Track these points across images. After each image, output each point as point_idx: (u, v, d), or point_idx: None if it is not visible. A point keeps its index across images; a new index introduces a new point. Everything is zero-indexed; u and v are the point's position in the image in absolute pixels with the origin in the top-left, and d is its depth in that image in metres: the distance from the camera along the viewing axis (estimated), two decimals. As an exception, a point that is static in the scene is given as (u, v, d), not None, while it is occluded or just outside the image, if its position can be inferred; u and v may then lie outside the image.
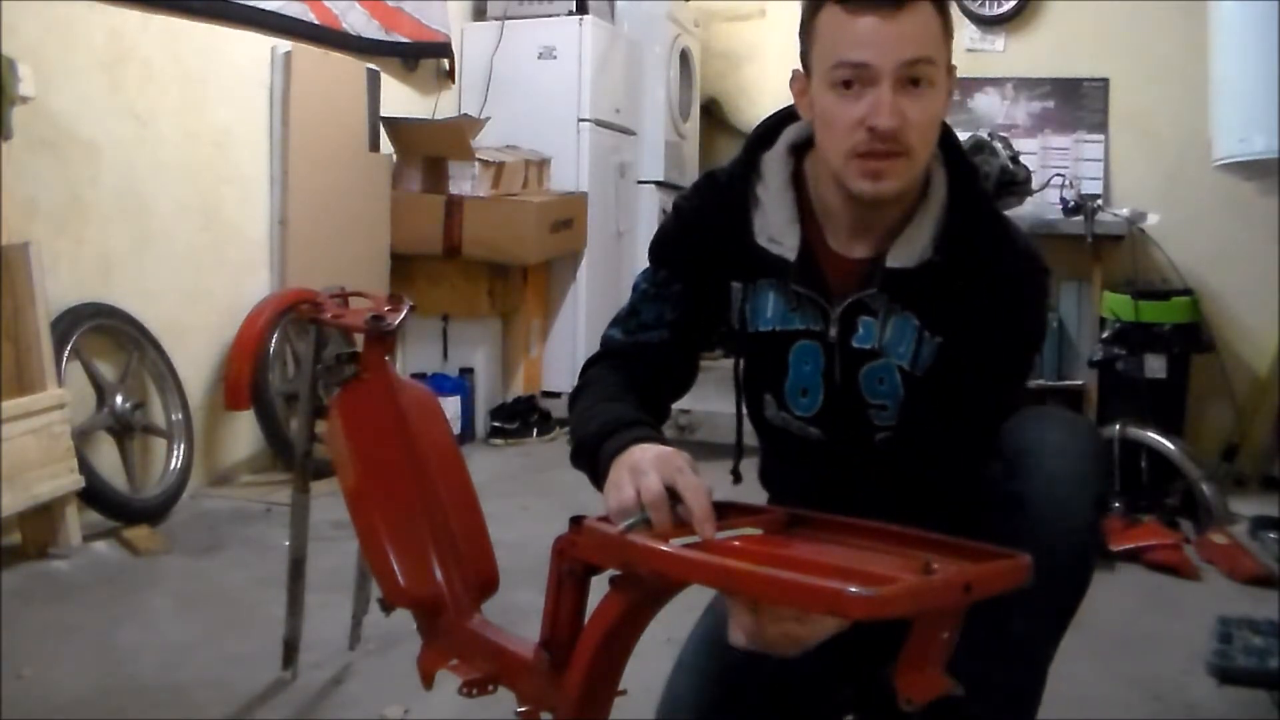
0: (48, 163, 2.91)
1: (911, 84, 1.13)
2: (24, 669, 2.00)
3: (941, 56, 1.16)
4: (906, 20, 1.13)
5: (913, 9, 1.13)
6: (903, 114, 1.13)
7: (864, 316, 1.24)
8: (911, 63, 1.13)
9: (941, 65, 1.16)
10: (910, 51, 1.13)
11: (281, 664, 1.98)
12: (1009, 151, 3.74)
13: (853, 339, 1.24)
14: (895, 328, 1.24)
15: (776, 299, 1.27)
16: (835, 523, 1.00)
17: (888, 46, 1.12)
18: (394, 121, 4.21)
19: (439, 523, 1.37)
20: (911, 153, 1.15)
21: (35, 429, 2.60)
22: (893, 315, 1.23)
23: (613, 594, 0.98)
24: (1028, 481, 1.14)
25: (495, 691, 1.22)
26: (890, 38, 1.12)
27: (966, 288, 1.21)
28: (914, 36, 1.13)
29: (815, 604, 0.76)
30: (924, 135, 1.17)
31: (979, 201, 1.26)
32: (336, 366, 1.63)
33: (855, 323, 1.24)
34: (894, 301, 1.23)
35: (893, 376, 1.25)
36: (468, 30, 4.74)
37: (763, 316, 1.29)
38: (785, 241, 1.24)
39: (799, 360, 1.28)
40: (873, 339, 1.24)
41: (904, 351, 1.23)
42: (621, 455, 1.07)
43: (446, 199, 4.11)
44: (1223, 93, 3.56)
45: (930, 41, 1.15)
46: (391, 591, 1.37)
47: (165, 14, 3.24)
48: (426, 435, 1.48)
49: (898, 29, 1.12)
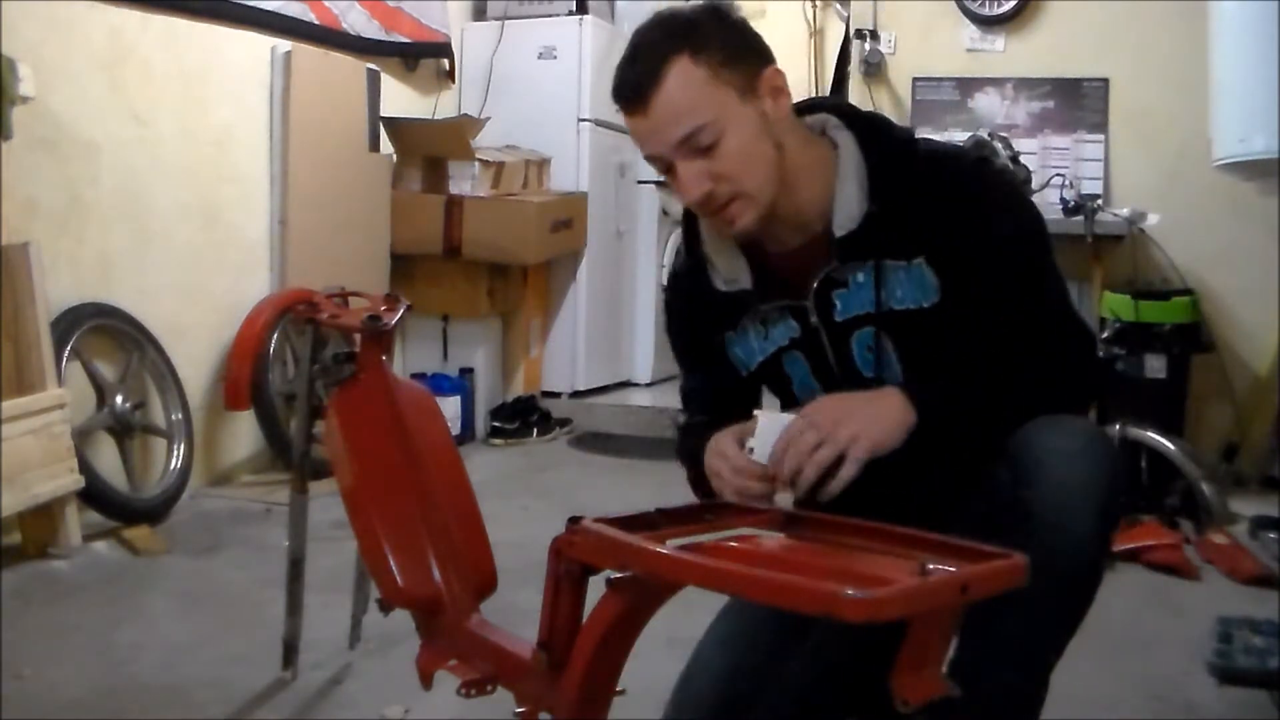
0: (48, 163, 2.91)
1: (700, 149, 1.19)
2: (24, 669, 2.01)
3: (716, 108, 1.19)
4: (661, 106, 1.18)
5: (662, 91, 1.18)
6: (704, 178, 1.20)
7: (836, 290, 1.28)
8: (684, 139, 1.19)
9: (724, 112, 1.19)
10: (676, 132, 1.19)
11: (281, 664, 1.98)
12: (1009, 151, 3.74)
13: (834, 315, 1.29)
14: (884, 279, 1.26)
15: (755, 330, 1.35)
16: (832, 523, 1.00)
17: (658, 136, 1.21)
18: (394, 121, 4.21)
19: (437, 522, 1.37)
20: (741, 192, 1.22)
21: (35, 429, 2.60)
22: (872, 271, 1.26)
23: (610, 595, 0.98)
24: (1034, 489, 1.13)
25: (494, 692, 1.22)
26: (657, 128, 1.20)
27: (926, 212, 1.24)
28: (673, 117, 1.19)
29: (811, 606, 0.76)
30: (741, 174, 1.21)
31: (894, 140, 1.29)
32: (334, 366, 1.63)
33: (831, 299, 1.29)
34: (865, 259, 1.26)
35: (883, 342, 1.28)
36: (468, 30, 4.74)
37: (751, 353, 1.37)
38: (739, 276, 1.33)
39: (794, 368, 1.35)
40: (859, 304, 1.27)
41: (903, 295, 1.26)
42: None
43: (446, 199, 4.11)
44: (1223, 93, 3.56)
45: (695, 108, 1.18)
46: (390, 591, 1.37)
47: (165, 14, 3.25)
48: (424, 435, 1.48)
49: (656, 119, 1.19)
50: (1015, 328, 1.26)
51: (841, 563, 0.89)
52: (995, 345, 1.25)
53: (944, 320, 1.25)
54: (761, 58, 1.26)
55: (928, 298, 1.26)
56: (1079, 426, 1.20)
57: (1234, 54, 3.47)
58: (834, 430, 1.14)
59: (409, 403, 1.54)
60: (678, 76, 1.18)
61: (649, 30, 1.23)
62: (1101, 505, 1.14)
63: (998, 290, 1.25)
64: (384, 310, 1.74)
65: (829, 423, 1.15)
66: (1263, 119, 3.28)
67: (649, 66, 1.19)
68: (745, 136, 1.20)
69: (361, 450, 1.49)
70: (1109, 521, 1.17)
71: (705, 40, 1.20)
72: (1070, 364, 1.30)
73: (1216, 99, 3.59)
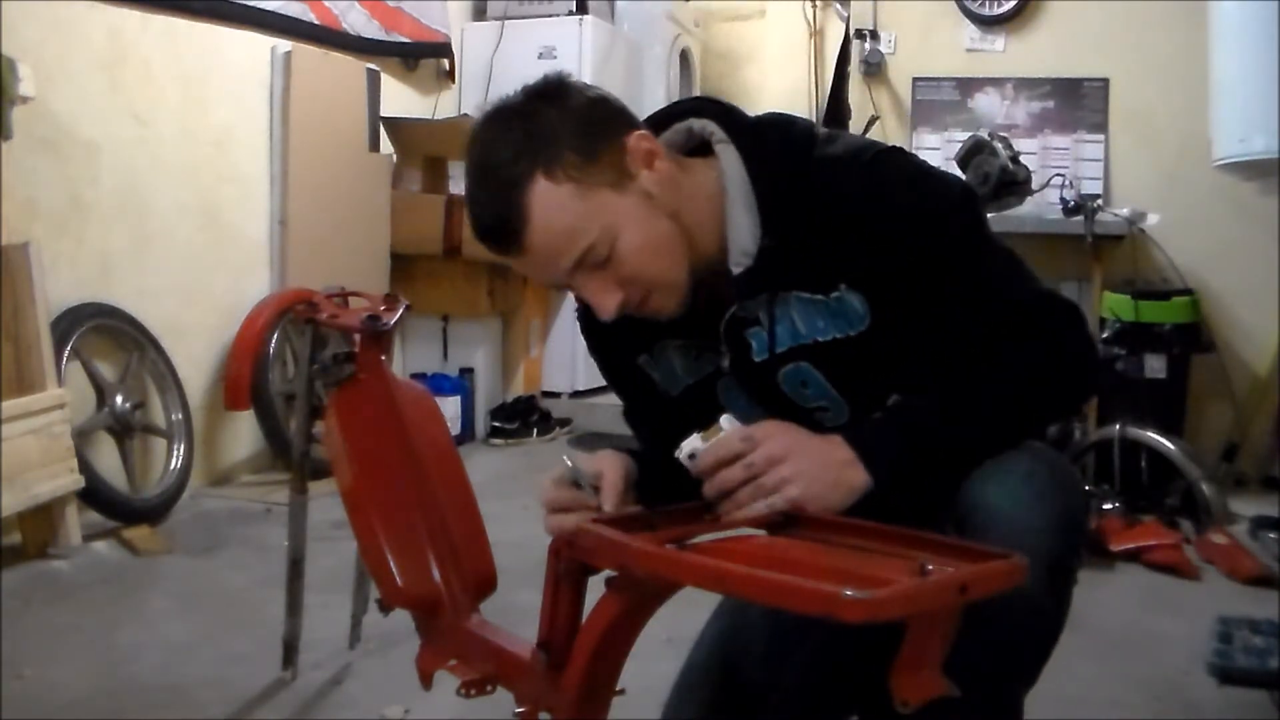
0: (48, 163, 2.92)
1: (596, 264, 1.09)
2: (24, 669, 2.01)
3: (596, 219, 1.07)
4: (538, 242, 1.07)
5: (531, 226, 1.06)
6: (611, 289, 1.10)
7: (750, 329, 1.17)
8: (574, 265, 1.08)
9: (606, 218, 1.07)
10: (564, 262, 1.08)
11: (281, 664, 1.98)
12: (1009, 151, 3.74)
13: (751, 355, 1.18)
14: (798, 314, 1.14)
15: (677, 355, 1.24)
16: (830, 522, 1.00)
17: (547, 270, 1.10)
18: (394, 121, 4.21)
19: (436, 522, 1.37)
20: (655, 284, 1.11)
21: (35, 429, 2.60)
22: (783, 305, 1.14)
23: (609, 595, 0.98)
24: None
25: (494, 692, 1.22)
26: (542, 263, 1.09)
27: (829, 236, 1.11)
28: (555, 249, 1.07)
29: (810, 607, 0.75)
30: (648, 269, 1.10)
31: (783, 153, 1.14)
32: (333, 367, 1.63)
33: (746, 339, 1.17)
34: (774, 293, 1.14)
35: (812, 375, 1.16)
36: (468, 30, 4.74)
37: (674, 379, 1.26)
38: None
39: (729, 396, 1.23)
40: (775, 342, 1.16)
41: (825, 325, 1.14)
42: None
43: (446, 199, 4.11)
44: (1223, 93, 3.57)
45: (575, 230, 1.07)
46: (389, 592, 1.37)
47: (165, 14, 3.25)
48: (423, 434, 1.47)
49: (538, 256, 1.08)
50: (965, 326, 1.11)
51: (839, 562, 0.89)
52: (953, 356, 1.11)
53: (879, 344, 1.13)
54: (619, 128, 1.10)
55: (854, 326, 1.13)
56: (1032, 472, 1.07)
57: (1234, 54, 3.48)
58: (766, 466, 1.03)
59: (408, 403, 1.53)
60: (542, 203, 1.05)
61: (487, 148, 1.09)
62: (1049, 564, 1.00)
63: (931, 293, 1.11)
64: (383, 310, 1.74)
65: (764, 458, 1.03)
66: (1263, 119, 3.28)
67: (506, 203, 1.06)
68: (638, 230, 1.08)
69: (361, 450, 1.48)
70: (1063, 577, 1.05)
71: (553, 145, 1.06)
72: (1047, 343, 1.12)
73: (1216, 99, 3.60)
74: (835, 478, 1.04)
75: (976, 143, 3.78)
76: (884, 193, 1.11)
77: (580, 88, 1.12)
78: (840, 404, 1.18)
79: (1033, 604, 0.98)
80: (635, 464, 1.17)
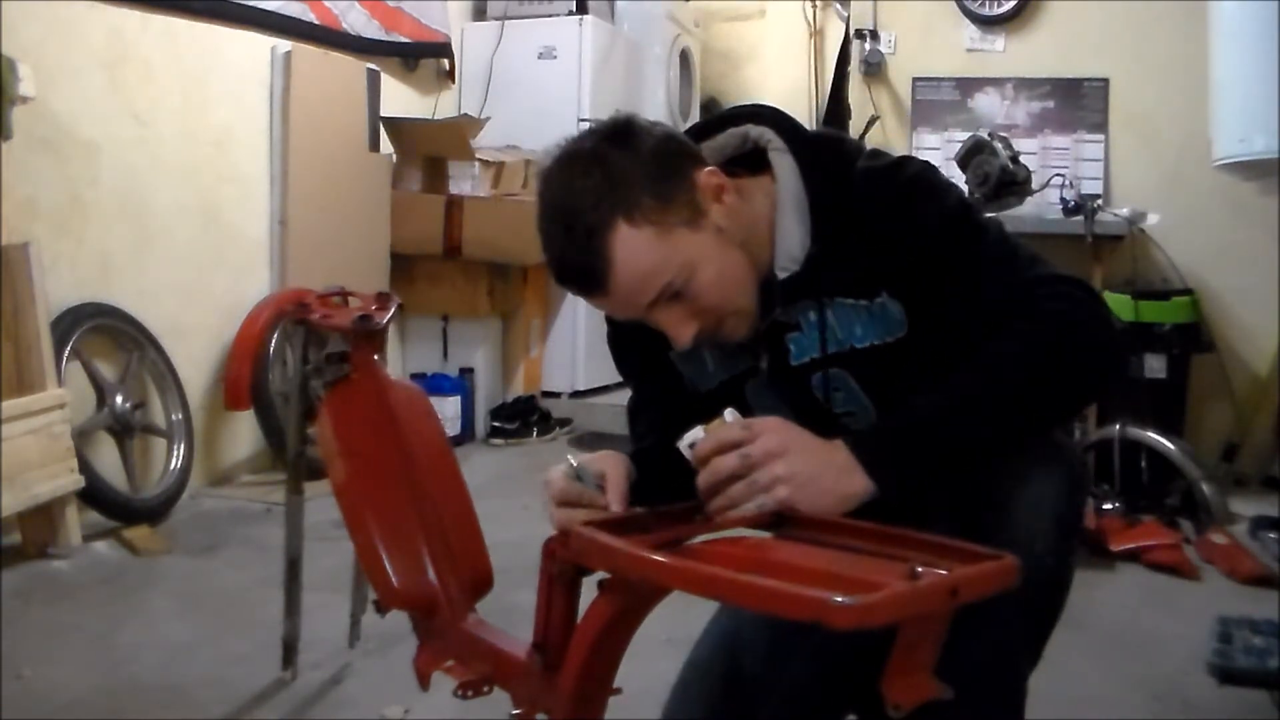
0: (48, 163, 2.92)
1: (673, 297, 1.12)
2: (24, 669, 2.01)
3: (675, 256, 1.10)
4: (621, 284, 1.11)
5: (615, 271, 1.09)
6: (688, 321, 1.14)
7: (790, 334, 1.20)
8: (653, 301, 1.12)
9: (684, 255, 1.10)
10: (645, 299, 1.12)
11: (281, 664, 1.98)
12: (1009, 151, 3.74)
13: (789, 359, 1.21)
14: (837, 321, 1.17)
15: (710, 352, 1.26)
16: (822, 522, 1.00)
17: (629, 307, 1.14)
18: (394, 121, 4.21)
19: (431, 522, 1.37)
20: (729, 312, 1.15)
21: (35, 429, 2.61)
22: (825, 311, 1.17)
23: (602, 597, 0.98)
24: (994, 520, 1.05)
25: (491, 692, 1.22)
26: (625, 301, 1.13)
27: (872, 244, 1.14)
28: (638, 288, 1.11)
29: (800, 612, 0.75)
30: (723, 299, 1.14)
31: (836, 166, 1.18)
32: (326, 366, 1.64)
33: (785, 343, 1.21)
34: (816, 300, 1.17)
35: (845, 382, 1.19)
36: (468, 30, 4.74)
37: (704, 376, 1.29)
38: None
39: (756, 398, 1.26)
40: (812, 348, 1.19)
41: (864, 333, 1.17)
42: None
43: (446, 199, 4.11)
44: (1223, 93, 3.56)
45: (656, 270, 1.10)
46: (385, 593, 1.36)
47: (165, 14, 3.25)
48: (417, 433, 1.47)
49: (621, 296, 1.12)
50: (985, 317, 1.11)
51: (830, 565, 0.89)
52: (973, 350, 1.11)
53: (913, 352, 1.16)
54: (689, 166, 1.14)
55: (892, 333, 1.16)
56: (1037, 475, 1.08)
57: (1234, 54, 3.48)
58: (763, 459, 1.03)
59: (402, 402, 1.53)
60: (624, 248, 1.09)
61: (565, 193, 1.12)
62: (1060, 512, 1.06)
63: (964, 299, 1.13)
64: (375, 309, 1.73)
65: (761, 451, 1.03)
66: (1263, 119, 3.28)
67: (589, 250, 1.09)
68: (713, 265, 1.12)
69: (353, 449, 1.49)
70: (1068, 535, 1.09)
71: (630, 190, 1.09)
72: (1059, 325, 1.10)
73: (1216, 99, 3.60)
74: (830, 483, 1.04)
75: (976, 143, 3.77)
76: (910, 200, 1.15)
77: (647, 128, 1.15)
78: (868, 411, 1.21)
79: (1040, 558, 1.02)
80: (633, 465, 1.20)
